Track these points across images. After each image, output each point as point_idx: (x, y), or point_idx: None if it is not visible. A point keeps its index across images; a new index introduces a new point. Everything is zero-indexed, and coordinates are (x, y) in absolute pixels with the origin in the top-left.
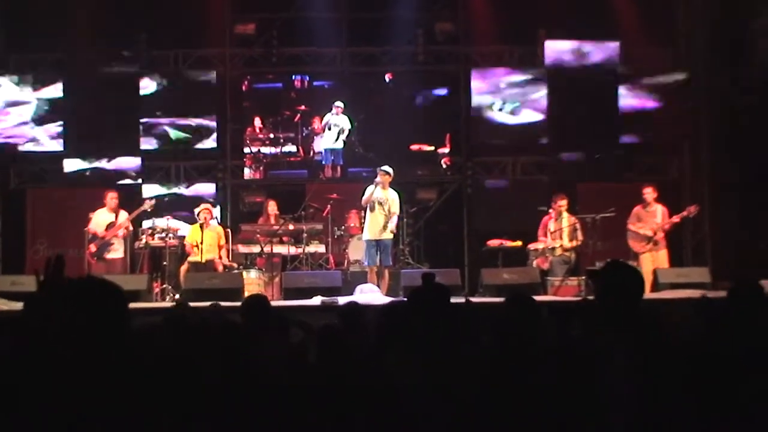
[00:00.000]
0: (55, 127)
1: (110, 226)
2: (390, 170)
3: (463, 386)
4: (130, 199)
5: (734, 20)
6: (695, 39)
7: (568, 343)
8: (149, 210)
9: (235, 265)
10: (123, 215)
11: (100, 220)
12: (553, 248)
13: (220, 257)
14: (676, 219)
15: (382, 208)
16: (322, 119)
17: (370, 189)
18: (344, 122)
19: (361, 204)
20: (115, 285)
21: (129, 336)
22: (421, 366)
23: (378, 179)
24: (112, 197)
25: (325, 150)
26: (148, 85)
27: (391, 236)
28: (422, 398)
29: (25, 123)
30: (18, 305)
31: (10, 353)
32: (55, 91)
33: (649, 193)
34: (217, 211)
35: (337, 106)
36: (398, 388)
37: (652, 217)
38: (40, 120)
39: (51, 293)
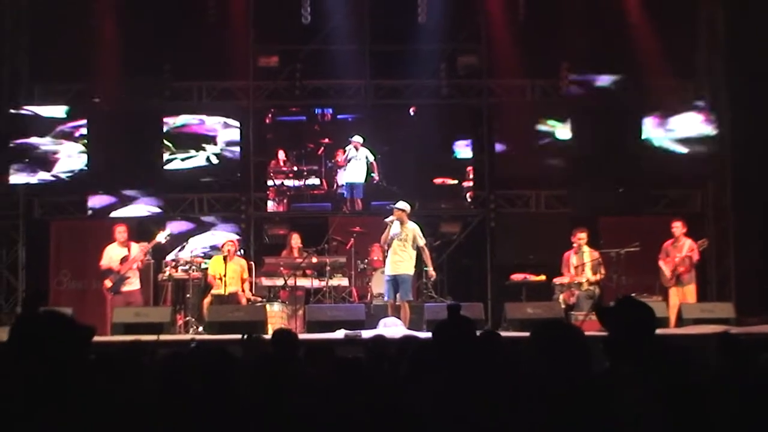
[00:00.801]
0: (80, 159)
1: (124, 259)
2: (403, 206)
3: (489, 418)
4: (151, 232)
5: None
6: (716, 71)
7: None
8: (164, 242)
9: (259, 299)
10: (135, 247)
11: (113, 254)
12: (580, 283)
13: (243, 290)
14: (688, 253)
15: (401, 244)
16: (344, 152)
17: (390, 226)
18: (366, 155)
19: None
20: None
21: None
22: (446, 398)
23: (392, 217)
24: (120, 231)
25: (346, 184)
26: (171, 120)
27: (407, 271)
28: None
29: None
30: None
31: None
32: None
33: (677, 227)
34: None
35: (355, 141)
36: (423, 420)
37: (678, 251)
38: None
39: (23, 326)
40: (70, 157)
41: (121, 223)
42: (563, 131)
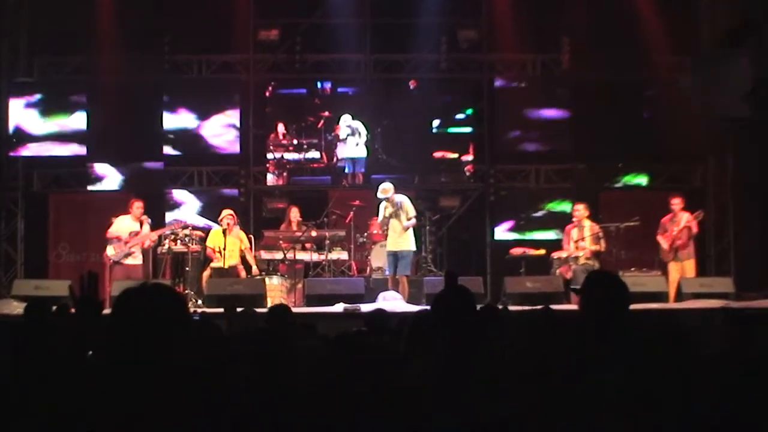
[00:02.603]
0: (79, 131)
1: (134, 234)
2: (386, 185)
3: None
4: (150, 203)
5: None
6: (718, 46)
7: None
8: (178, 232)
9: (260, 272)
10: (146, 227)
11: (122, 225)
12: (577, 257)
13: (248, 261)
14: (684, 225)
15: (396, 220)
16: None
17: (380, 209)
18: (360, 128)
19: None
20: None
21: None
22: (444, 370)
23: (381, 196)
24: (138, 206)
25: (348, 158)
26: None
27: (408, 247)
28: (445, 403)
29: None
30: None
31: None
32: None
33: (677, 203)
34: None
35: (343, 120)
36: (422, 393)
37: (676, 226)
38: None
39: (88, 309)
40: (70, 130)
41: (139, 199)
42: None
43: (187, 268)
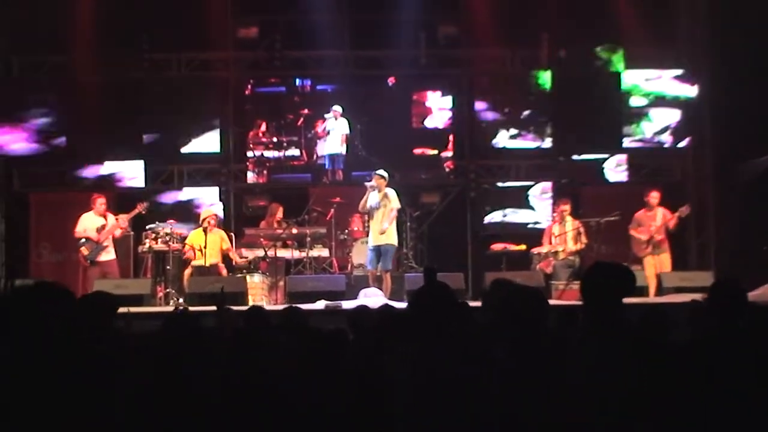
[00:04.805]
0: (58, 131)
1: (101, 229)
2: (385, 173)
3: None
4: (131, 203)
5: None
6: (697, 39)
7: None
8: (143, 213)
9: (247, 260)
10: (111, 218)
11: (88, 224)
12: (556, 252)
13: (231, 258)
14: (670, 219)
15: (378, 213)
16: (323, 123)
17: (368, 196)
18: (343, 126)
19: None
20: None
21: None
22: (421, 365)
23: (373, 183)
24: (101, 202)
25: (327, 155)
26: (151, 89)
27: (391, 241)
28: (421, 398)
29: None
30: None
31: None
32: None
33: (654, 197)
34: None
35: (335, 111)
36: (397, 389)
37: (651, 220)
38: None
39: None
40: (50, 129)
41: (101, 194)
42: (545, 101)
43: (168, 267)
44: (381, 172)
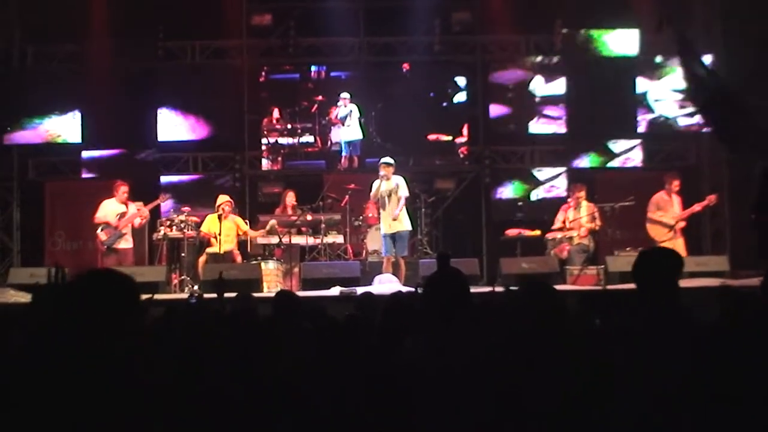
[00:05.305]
0: (74, 119)
1: (121, 216)
2: (391, 161)
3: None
4: (147, 190)
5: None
6: (711, 22)
7: (591, 331)
8: (163, 203)
9: (266, 232)
10: (132, 207)
11: (110, 209)
12: (571, 237)
13: (248, 234)
14: (697, 208)
15: (391, 200)
16: (336, 110)
17: (376, 184)
18: (354, 111)
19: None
20: (124, 275)
21: (141, 328)
22: (436, 353)
23: (381, 172)
24: (123, 191)
25: (344, 142)
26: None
27: (405, 227)
28: (438, 386)
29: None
30: None
31: (21, 345)
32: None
33: (677, 185)
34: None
35: (344, 98)
36: (413, 377)
37: (670, 206)
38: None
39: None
40: (65, 119)
41: (125, 182)
42: (558, 86)
43: (182, 254)
44: (387, 159)
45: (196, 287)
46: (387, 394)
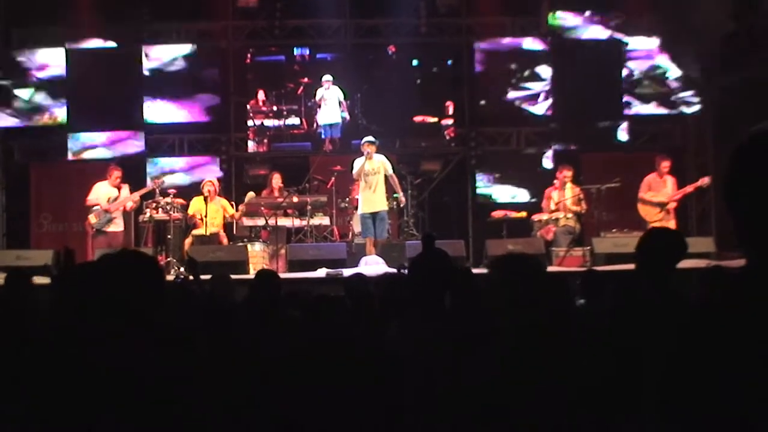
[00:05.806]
0: (59, 102)
1: (113, 200)
2: (374, 139)
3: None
4: (133, 172)
5: None
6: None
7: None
8: (157, 190)
9: (243, 206)
10: (125, 190)
11: (101, 192)
12: (557, 219)
13: (234, 217)
14: (689, 189)
15: (373, 179)
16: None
17: (358, 162)
18: (337, 94)
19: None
20: (149, 256)
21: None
22: (422, 334)
23: (367, 150)
24: (116, 175)
25: (324, 125)
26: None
27: (385, 207)
28: (423, 367)
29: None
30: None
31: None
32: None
33: (666, 166)
34: None
35: (327, 80)
36: (400, 358)
37: (663, 186)
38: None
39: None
40: (49, 100)
41: (117, 167)
42: (544, 68)
43: (169, 236)
44: (369, 138)
45: (182, 269)
46: (373, 374)
